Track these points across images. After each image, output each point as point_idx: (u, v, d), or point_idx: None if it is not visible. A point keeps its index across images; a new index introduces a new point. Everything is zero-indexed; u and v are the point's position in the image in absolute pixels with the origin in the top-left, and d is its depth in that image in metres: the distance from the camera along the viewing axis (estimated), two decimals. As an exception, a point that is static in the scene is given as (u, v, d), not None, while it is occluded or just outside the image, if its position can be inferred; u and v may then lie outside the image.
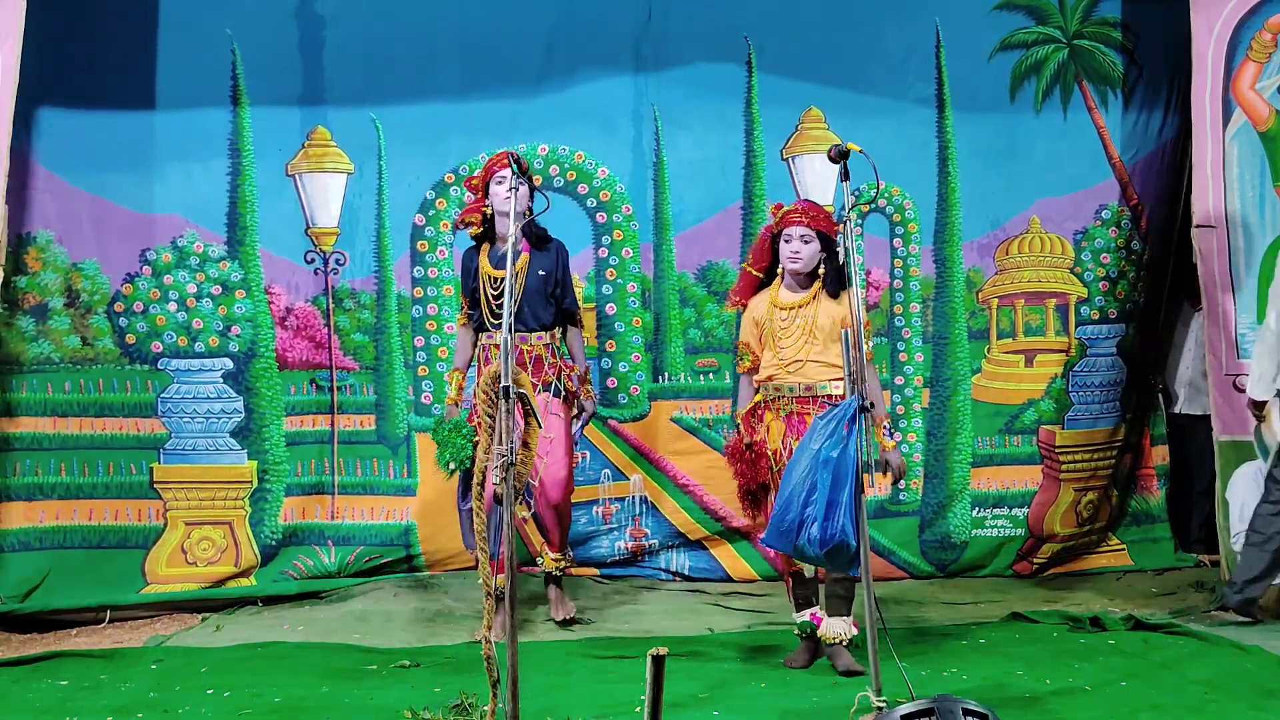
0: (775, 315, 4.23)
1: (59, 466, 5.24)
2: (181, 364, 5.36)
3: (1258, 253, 5.13)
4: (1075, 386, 5.66)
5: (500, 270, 4.54)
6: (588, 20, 5.48)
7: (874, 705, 3.16)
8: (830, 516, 3.41)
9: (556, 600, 4.84)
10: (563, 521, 4.79)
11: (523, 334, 4.62)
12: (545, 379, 4.65)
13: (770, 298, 4.28)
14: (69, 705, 3.72)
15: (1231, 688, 3.71)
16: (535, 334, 4.65)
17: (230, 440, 5.37)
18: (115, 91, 5.25)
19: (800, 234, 4.17)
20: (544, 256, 4.67)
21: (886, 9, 5.58)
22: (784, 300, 4.25)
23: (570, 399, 4.74)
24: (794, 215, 4.21)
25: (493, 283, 4.59)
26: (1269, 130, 5.14)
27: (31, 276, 5.22)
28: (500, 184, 4.58)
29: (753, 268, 4.37)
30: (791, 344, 4.19)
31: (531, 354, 4.64)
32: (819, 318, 4.15)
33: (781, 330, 4.21)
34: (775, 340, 4.22)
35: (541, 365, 4.66)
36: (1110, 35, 5.63)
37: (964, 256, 5.63)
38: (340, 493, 5.46)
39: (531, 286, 4.63)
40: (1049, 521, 5.63)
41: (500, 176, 4.58)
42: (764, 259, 4.33)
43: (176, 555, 5.30)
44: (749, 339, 4.31)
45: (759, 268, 4.35)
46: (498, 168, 4.60)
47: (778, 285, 4.29)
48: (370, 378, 5.51)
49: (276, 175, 5.43)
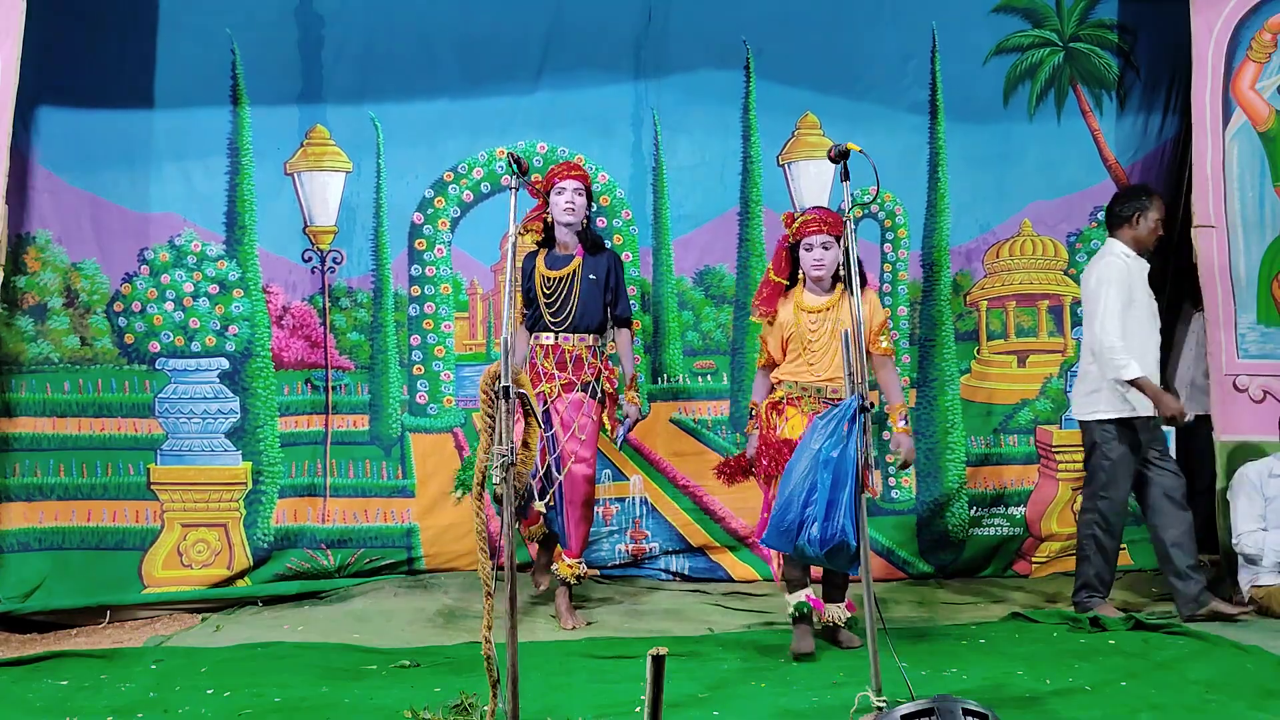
0: (804, 319, 4.35)
1: (58, 467, 5.23)
2: (178, 364, 5.35)
3: (1257, 253, 5.14)
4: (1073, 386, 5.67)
5: (554, 271, 4.72)
6: (587, 21, 5.49)
7: (874, 705, 3.16)
8: (830, 516, 3.42)
9: (566, 611, 4.77)
10: (584, 524, 4.76)
11: (566, 334, 4.71)
12: (584, 379, 4.73)
13: (796, 302, 4.40)
14: (69, 705, 3.71)
15: (1231, 688, 3.71)
16: (579, 335, 4.73)
17: (225, 441, 5.37)
18: (114, 90, 5.26)
19: (821, 241, 4.31)
20: (596, 262, 4.77)
21: (885, 12, 5.60)
22: (810, 304, 4.38)
23: (608, 401, 4.80)
24: (811, 225, 4.33)
25: (547, 284, 4.72)
26: (1269, 130, 5.15)
27: (31, 276, 5.21)
28: (560, 194, 4.70)
29: (778, 276, 4.47)
30: (821, 346, 4.32)
31: (573, 354, 4.72)
32: (847, 319, 4.19)
33: (811, 333, 4.34)
34: (806, 344, 4.34)
35: (581, 365, 4.73)
36: (1107, 38, 5.65)
37: (952, 261, 5.69)
38: (332, 495, 5.43)
39: (582, 290, 4.72)
40: (1046, 521, 5.65)
41: (560, 187, 4.70)
42: (786, 269, 4.45)
43: (173, 557, 5.29)
44: (769, 339, 4.45)
45: (784, 276, 4.46)
46: (559, 178, 4.70)
47: (800, 290, 4.42)
48: (365, 377, 5.50)
49: (275, 174, 5.43)
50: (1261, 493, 4.86)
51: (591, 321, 4.75)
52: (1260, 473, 4.90)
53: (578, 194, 4.71)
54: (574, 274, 4.72)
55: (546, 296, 4.71)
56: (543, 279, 4.73)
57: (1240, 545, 4.88)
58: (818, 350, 4.32)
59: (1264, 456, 4.97)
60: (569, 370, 4.69)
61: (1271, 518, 4.83)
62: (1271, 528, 4.82)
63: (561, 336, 4.70)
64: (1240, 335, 5.13)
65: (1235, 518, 4.90)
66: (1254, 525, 4.83)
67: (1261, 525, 4.83)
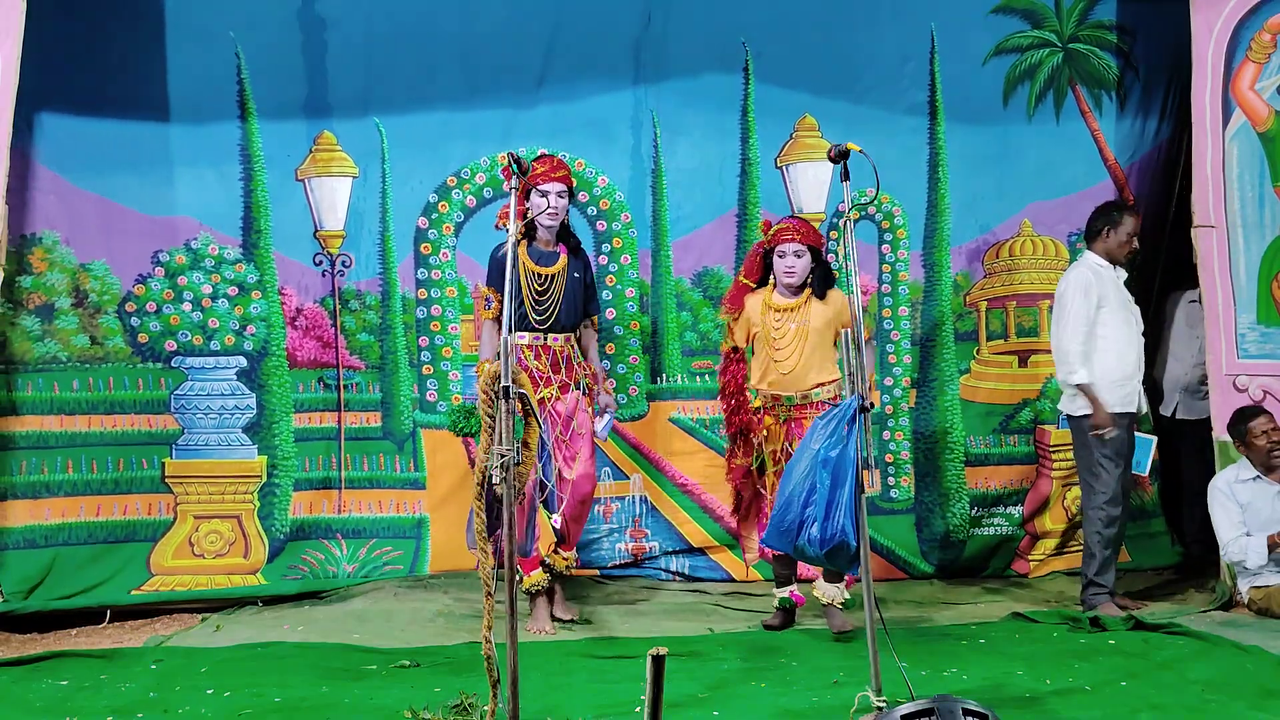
0: (769, 315, 4.63)
1: (65, 464, 5.25)
2: (196, 362, 5.41)
3: (1257, 253, 5.14)
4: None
5: (542, 267, 4.68)
6: (587, 26, 5.51)
7: (874, 705, 3.16)
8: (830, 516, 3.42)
9: (559, 600, 4.86)
10: (582, 520, 4.85)
11: (555, 335, 4.71)
12: (576, 378, 4.76)
13: (765, 299, 4.66)
14: (69, 705, 3.72)
15: (1231, 688, 3.71)
16: (565, 335, 4.74)
17: (242, 435, 5.43)
18: (119, 92, 5.26)
19: (794, 249, 4.58)
20: (577, 262, 4.79)
21: (884, 14, 5.61)
22: (777, 302, 4.66)
23: (590, 398, 4.82)
24: (786, 233, 4.60)
25: (538, 280, 4.67)
26: (1268, 130, 5.15)
27: (37, 276, 5.23)
28: (543, 197, 4.65)
29: (746, 278, 4.73)
30: (787, 344, 4.59)
31: (562, 354, 4.72)
32: (812, 319, 4.58)
33: (776, 330, 4.61)
34: (770, 341, 4.62)
35: (571, 365, 4.75)
36: (1106, 38, 5.66)
37: (952, 261, 5.70)
38: (348, 487, 5.52)
39: (569, 290, 4.72)
40: (1042, 519, 5.67)
41: (543, 190, 4.65)
42: (756, 273, 4.72)
43: (184, 548, 5.34)
44: (736, 329, 4.72)
45: (752, 279, 4.72)
46: (543, 179, 4.65)
47: (770, 290, 4.69)
48: (376, 376, 5.56)
49: (287, 180, 5.48)
50: (1235, 500, 4.91)
51: (574, 320, 4.78)
52: (1228, 480, 4.96)
53: (560, 197, 4.70)
54: (561, 272, 4.71)
55: (538, 293, 4.66)
56: (532, 275, 4.66)
57: (1227, 554, 4.92)
58: (783, 347, 4.58)
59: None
60: (562, 372, 4.70)
61: (1251, 521, 4.86)
62: (1253, 530, 4.84)
63: (551, 336, 4.69)
64: (1240, 335, 5.13)
65: (1217, 529, 4.96)
66: (1236, 532, 4.88)
67: (1243, 531, 4.86)
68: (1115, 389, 4.88)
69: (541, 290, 4.66)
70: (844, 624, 4.50)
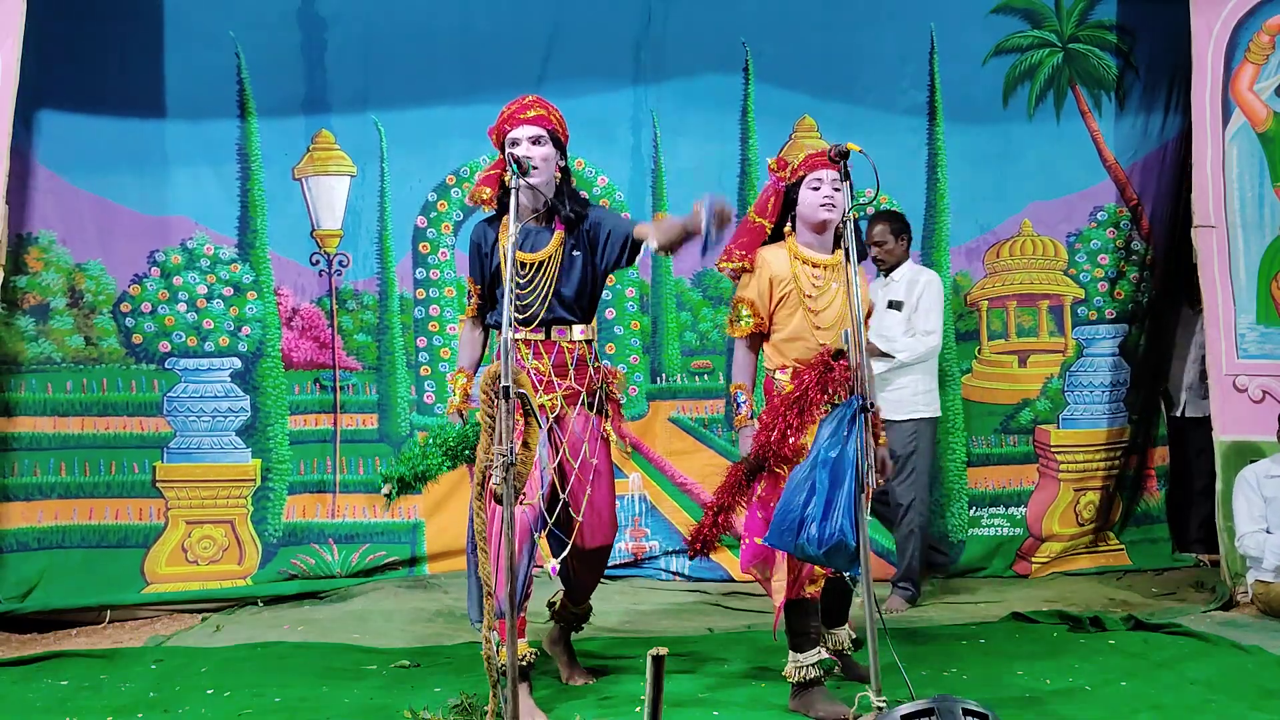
0: (804, 272, 3.61)
1: (59, 466, 5.24)
2: (190, 363, 5.38)
3: (1257, 253, 5.15)
4: (1072, 386, 5.70)
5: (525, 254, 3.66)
6: (587, 25, 5.51)
7: (874, 705, 3.16)
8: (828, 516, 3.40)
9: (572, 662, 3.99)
10: (598, 573, 3.85)
11: (561, 328, 3.67)
12: (591, 386, 3.69)
13: (791, 250, 3.65)
14: (69, 705, 3.71)
15: (1231, 688, 3.71)
16: (579, 327, 3.69)
17: (235, 439, 5.40)
18: (119, 92, 5.26)
19: (832, 178, 3.58)
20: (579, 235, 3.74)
21: (883, 14, 5.62)
22: (811, 256, 3.63)
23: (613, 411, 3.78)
24: (821, 159, 3.61)
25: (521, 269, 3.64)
26: (1267, 131, 5.16)
27: (32, 276, 5.22)
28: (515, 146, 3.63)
29: (759, 217, 3.73)
30: (830, 306, 3.59)
31: (574, 353, 3.67)
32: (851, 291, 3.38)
33: (816, 288, 3.59)
34: (807, 301, 3.59)
35: (585, 369, 3.70)
36: (1106, 38, 5.67)
37: (951, 261, 5.70)
38: (342, 491, 5.49)
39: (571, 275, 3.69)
40: (1048, 521, 5.66)
41: (514, 138, 3.65)
42: (774, 213, 3.72)
43: (177, 554, 5.31)
44: (756, 298, 3.63)
45: (770, 220, 3.72)
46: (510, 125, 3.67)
47: (793, 242, 3.68)
48: (373, 377, 5.55)
49: (284, 179, 5.47)
50: (1260, 493, 4.86)
51: (580, 312, 3.69)
52: (1257, 474, 4.90)
53: (537, 144, 3.60)
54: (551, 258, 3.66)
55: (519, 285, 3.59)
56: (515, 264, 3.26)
57: (1242, 546, 4.88)
58: (823, 309, 3.56)
59: (1263, 457, 4.97)
60: (570, 377, 3.66)
61: (1272, 518, 4.83)
62: (1273, 528, 4.82)
63: (556, 331, 3.64)
64: (1240, 335, 5.13)
65: (1236, 519, 4.91)
66: (1255, 526, 4.83)
67: (1263, 526, 4.83)
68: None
69: (525, 281, 3.61)
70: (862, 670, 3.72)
